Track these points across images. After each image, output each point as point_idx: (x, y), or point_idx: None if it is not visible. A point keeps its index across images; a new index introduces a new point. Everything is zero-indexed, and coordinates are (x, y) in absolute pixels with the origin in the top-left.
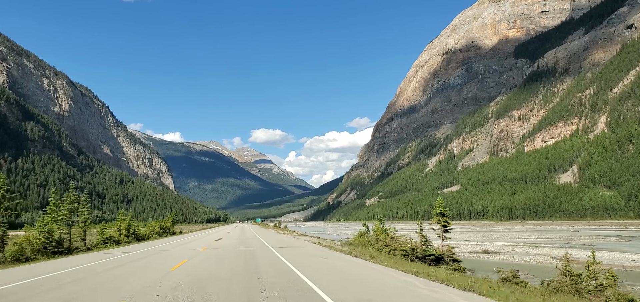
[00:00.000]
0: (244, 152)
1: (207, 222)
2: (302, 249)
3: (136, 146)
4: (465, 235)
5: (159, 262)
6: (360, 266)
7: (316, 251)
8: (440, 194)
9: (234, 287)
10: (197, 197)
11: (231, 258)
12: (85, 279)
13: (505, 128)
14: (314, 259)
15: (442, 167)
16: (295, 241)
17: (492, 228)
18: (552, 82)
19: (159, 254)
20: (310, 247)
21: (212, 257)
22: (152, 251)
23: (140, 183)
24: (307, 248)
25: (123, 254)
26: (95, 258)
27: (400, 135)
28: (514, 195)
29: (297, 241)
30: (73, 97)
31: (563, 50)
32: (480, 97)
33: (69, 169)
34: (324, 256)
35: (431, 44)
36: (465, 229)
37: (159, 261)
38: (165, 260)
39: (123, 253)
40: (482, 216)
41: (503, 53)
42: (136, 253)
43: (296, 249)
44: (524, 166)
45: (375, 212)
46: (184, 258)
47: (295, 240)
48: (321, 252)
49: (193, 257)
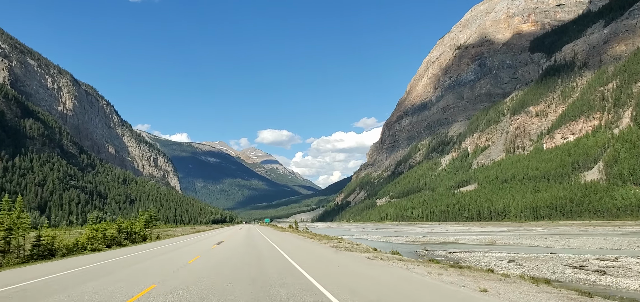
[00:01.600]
0: (250, 152)
1: (213, 223)
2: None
3: (141, 146)
4: (512, 239)
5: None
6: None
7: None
8: (456, 194)
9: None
10: (203, 197)
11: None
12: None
13: (522, 124)
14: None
15: (455, 166)
16: (352, 259)
17: (534, 231)
18: (571, 76)
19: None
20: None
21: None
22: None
23: (143, 183)
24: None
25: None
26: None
27: (411, 134)
28: (537, 194)
29: (357, 261)
30: (77, 95)
31: (581, 43)
32: (494, 93)
33: (70, 168)
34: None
35: (442, 39)
36: (502, 234)
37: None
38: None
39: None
40: (504, 216)
41: (517, 48)
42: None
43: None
44: (545, 163)
45: (388, 212)
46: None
47: (348, 258)
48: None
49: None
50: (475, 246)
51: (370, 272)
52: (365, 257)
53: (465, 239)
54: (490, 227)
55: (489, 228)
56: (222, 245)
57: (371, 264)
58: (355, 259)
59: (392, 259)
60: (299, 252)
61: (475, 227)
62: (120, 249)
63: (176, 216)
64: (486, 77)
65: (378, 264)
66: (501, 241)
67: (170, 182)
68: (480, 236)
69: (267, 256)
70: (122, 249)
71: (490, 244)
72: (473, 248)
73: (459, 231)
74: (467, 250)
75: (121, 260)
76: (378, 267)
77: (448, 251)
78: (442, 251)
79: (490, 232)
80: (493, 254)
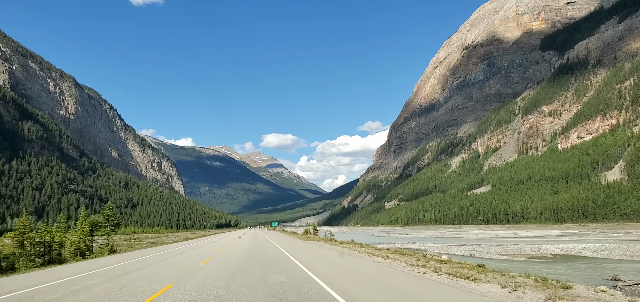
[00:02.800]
0: (255, 156)
1: (217, 227)
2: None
3: (145, 150)
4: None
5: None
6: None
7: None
8: (470, 196)
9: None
10: (208, 202)
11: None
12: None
13: (534, 124)
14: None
15: (466, 167)
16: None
17: (570, 234)
18: (585, 74)
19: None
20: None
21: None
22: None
23: (145, 186)
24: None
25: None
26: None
27: (419, 135)
28: (557, 195)
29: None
30: (80, 99)
31: (595, 40)
32: (504, 93)
33: (69, 171)
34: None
35: (449, 39)
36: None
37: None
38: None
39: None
40: (522, 219)
41: (527, 46)
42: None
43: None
44: (562, 164)
45: (399, 215)
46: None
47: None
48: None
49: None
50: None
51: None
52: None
53: (553, 249)
54: (537, 231)
55: (532, 232)
56: (210, 266)
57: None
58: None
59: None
60: (325, 261)
61: (521, 231)
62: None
63: (179, 221)
64: (495, 77)
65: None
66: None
67: (174, 186)
68: (561, 244)
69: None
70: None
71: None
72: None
73: (508, 237)
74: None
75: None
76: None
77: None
78: (593, 269)
79: (550, 237)
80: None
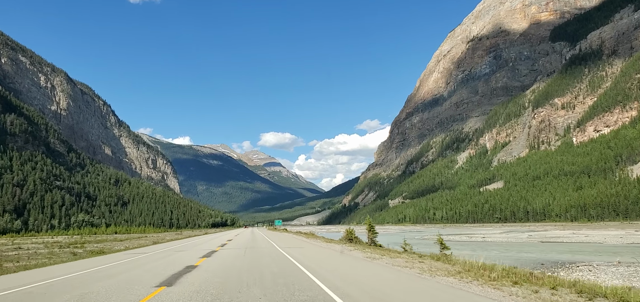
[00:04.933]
0: (253, 155)
1: (212, 226)
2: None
3: (139, 147)
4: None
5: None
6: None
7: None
8: (483, 192)
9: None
10: (206, 200)
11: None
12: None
13: (546, 118)
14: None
15: (474, 163)
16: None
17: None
18: (599, 65)
19: None
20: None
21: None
22: None
23: (137, 184)
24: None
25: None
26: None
27: (422, 131)
28: (580, 191)
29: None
30: (72, 94)
31: (609, 30)
32: (511, 87)
33: (55, 167)
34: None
35: (453, 32)
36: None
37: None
38: None
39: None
40: (544, 217)
41: (536, 38)
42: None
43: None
44: (581, 158)
45: (407, 213)
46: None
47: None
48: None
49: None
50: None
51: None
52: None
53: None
54: (585, 230)
55: (582, 232)
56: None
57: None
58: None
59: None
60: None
61: (565, 232)
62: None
63: (172, 219)
64: (502, 70)
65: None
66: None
67: (169, 184)
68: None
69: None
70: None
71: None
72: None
73: (555, 239)
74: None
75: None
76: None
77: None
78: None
79: (610, 237)
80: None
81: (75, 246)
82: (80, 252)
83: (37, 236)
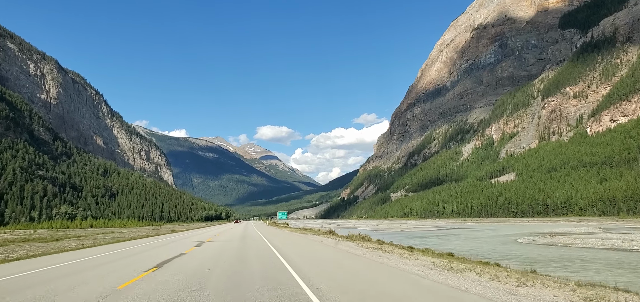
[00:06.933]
0: (249, 148)
1: (206, 219)
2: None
3: (132, 138)
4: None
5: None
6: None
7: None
8: (496, 185)
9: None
10: (201, 193)
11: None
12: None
13: (557, 107)
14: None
15: (480, 155)
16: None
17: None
18: (613, 52)
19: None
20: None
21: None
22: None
23: (127, 174)
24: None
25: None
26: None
27: (424, 122)
28: (606, 183)
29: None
30: (62, 83)
31: (623, 16)
32: (517, 76)
33: (38, 156)
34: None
35: (457, 20)
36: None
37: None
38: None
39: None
40: (566, 211)
41: (543, 26)
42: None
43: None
44: (601, 148)
45: (413, 207)
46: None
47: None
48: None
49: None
50: None
51: None
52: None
53: None
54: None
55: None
56: None
57: None
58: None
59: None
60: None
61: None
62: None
63: (163, 212)
64: (508, 59)
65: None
66: None
67: (163, 176)
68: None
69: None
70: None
71: None
72: None
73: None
74: None
75: None
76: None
77: None
78: None
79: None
80: None
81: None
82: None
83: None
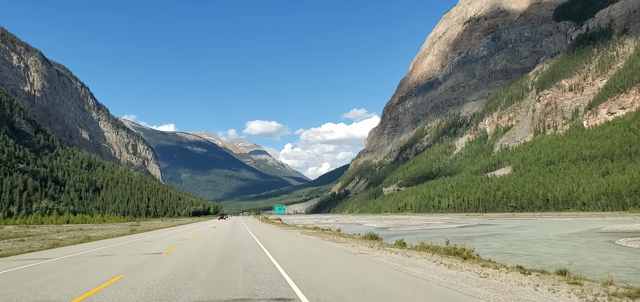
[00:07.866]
0: (238, 143)
1: (194, 214)
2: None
3: (119, 131)
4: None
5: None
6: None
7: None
8: (493, 179)
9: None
10: (190, 188)
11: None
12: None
13: (552, 100)
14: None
15: (474, 149)
16: None
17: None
18: (609, 44)
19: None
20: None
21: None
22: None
23: (112, 168)
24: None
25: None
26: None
27: (416, 116)
28: (608, 176)
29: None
30: (47, 75)
31: (619, 8)
32: (511, 69)
33: (19, 148)
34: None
35: (449, 13)
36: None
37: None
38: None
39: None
40: (568, 205)
41: (537, 18)
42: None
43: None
44: (601, 141)
45: (408, 201)
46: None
47: None
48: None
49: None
50: None
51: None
52: None
53: None
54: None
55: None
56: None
57: None
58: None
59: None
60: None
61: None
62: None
63: (149, 207)
64: (501, 52)
65: None
66: None
67: (150, 170)
68: None
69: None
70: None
71: None
72: None
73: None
74: None
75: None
76: None
77: None
78: None
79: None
80: None
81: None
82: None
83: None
